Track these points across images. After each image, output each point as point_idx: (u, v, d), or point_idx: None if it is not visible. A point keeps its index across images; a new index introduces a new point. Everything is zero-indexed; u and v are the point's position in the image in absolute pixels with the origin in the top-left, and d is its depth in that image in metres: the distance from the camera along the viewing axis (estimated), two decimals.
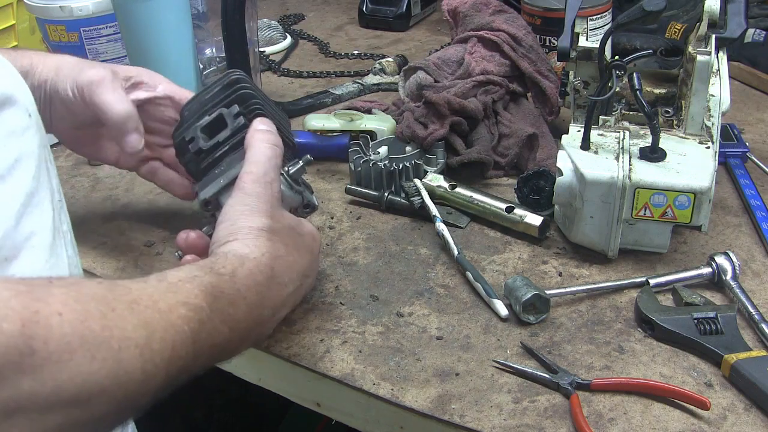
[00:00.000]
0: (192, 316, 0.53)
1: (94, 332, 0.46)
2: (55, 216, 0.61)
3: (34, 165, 0.58)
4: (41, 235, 0.58)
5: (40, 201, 0.58)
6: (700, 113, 0.83)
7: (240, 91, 0.76)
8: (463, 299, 0.79)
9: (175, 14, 1.03)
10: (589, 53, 0.91)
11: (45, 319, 0.44)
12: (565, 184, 0.80)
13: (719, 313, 0.72)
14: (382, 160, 0.95)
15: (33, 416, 0.43)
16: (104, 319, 0.47)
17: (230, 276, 0.60)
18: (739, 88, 1.18)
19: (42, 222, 0.59)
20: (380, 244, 0.88)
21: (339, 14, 1.62)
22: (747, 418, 0.64)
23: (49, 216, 0.59)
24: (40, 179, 0.59)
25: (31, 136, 0.58)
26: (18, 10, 1.25)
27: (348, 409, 0.73)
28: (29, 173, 0.57)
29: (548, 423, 0.64)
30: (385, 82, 1.25)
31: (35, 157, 0.58)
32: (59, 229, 0.62)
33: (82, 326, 0.45)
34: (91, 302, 0.47)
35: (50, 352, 0.43)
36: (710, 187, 0.76)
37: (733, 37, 0.85)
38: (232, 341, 0.59)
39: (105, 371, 0.46)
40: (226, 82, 0.77)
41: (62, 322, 0.44)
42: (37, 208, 0.58)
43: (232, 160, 0.75)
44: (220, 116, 0.76)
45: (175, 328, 0.52)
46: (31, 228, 0.57)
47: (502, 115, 0.99)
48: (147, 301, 0.51)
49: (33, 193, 0.58)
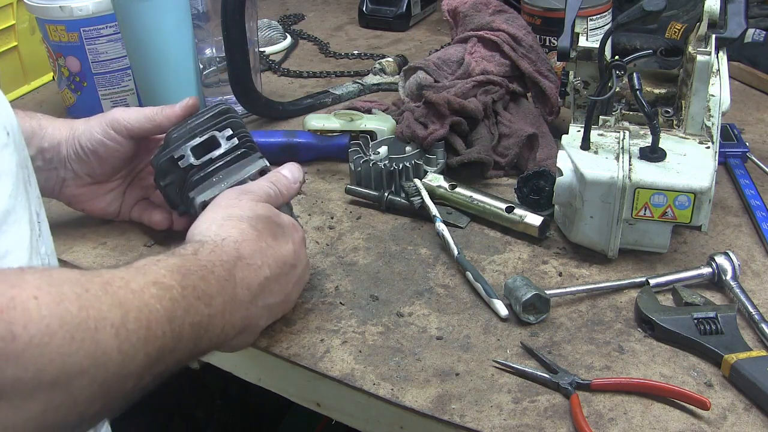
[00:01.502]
0: (163, 295, 0.54)
1: (71, 313, 0.46)
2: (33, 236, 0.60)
3: (11, 183, 0.57)
4: (16, 254, 0.57)
5: (16, 220, 0.57)
6: (700, 113, 0.83)
7: (231, 119, 0.81)
8: (463, 299, 0.79)
9: (175, 14, 1.03)
10: (589, 53, 0.91)
11: (22, 303, 0.44)
12: (565, 184, 0.80)
13: (719, 313, 0.72)
14: (382, 160, 0.95)
15: (16, 403, 0.43)
16: (80, 300, 0.47)
17: (192, 255, 0.62)
18: (739, 88, 1.18)
19: (18, 241, 0.58)
20: (380, 244, 0.88)
21: (339, 14, 1.62)
22: (747, 418, 0.64)
23: (27, 235, 0.59)
24: (18, 198, 0.58)
25: (8, 155, 0.57)
26: (18, 10, 1.25)
27: (348, 409, 0.73)
28: (5, 191, 0.56)
29: (548, 423, 0.64)
30: (385, 82, 1.24)
31: (12, 175, 0.57)
32: (37, 250, 0.61)
33: (59, 308, 0.46)
34: (65, 285, 0.48)
35: (31, 335, 0.43)
36: (710, 187, 0.76)
37: (733, 37, 0.85)
38: (214, 318, 0.59)
39: (84, 352, 0.46)
40: (216, 111, 0.81)
41: (39, 305, 0.45)
42: (12, 227, 0.57)
43: (230, 171, 0.78)
44: (212, 137, 0.79)
45: (148, 308, 0.52)
46: (6, 247, 0.56)
47: (502, 115, 0.99)
48: (119, 282, 0.52)
49: (9, 211, 0.57)
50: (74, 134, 0.84)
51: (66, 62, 1.13)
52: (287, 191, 0.76)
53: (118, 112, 0.84)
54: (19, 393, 0.43)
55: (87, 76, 1.13)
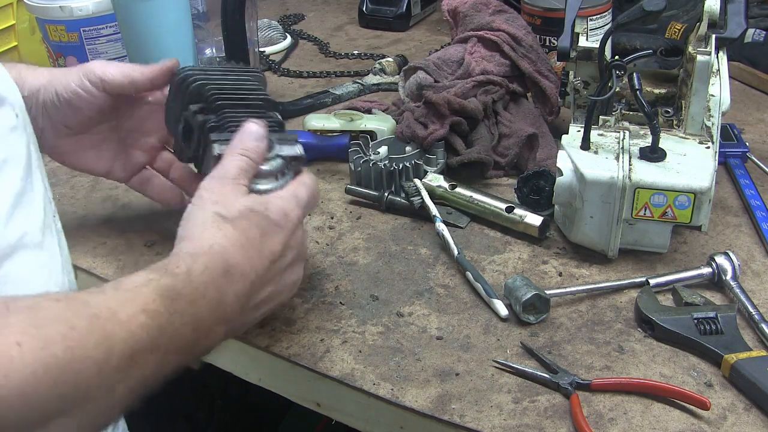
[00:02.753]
0: (151, 324, 0.53)
1: (56, 357, 0.45)
2: (47, 215, 0.60)
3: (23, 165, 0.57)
4: (33, 234, 0.58)
5: (30, 201, 0.58)
6: (700, 113, 0.83)
7: (191, 87, 0.76)
8: (463, 299, 0.79)
9: (175, 14, 1.03)
10: (589, 53, 0.91)
11: (5, 351, 0.43)
12: (565, 184, 0.80)
13: (719, 313, 0.72)
14: (382, 160, 0.95)
15: None
16: (65, 341, 0.46)
17: (186, 275, 0.59)
18: (739, 88, 1.18)
19: (33, 221, 0.58)
20: (380, 244, 0.88)
21: (339, 14, 1.62)
22: (747, 418, 0.64)
23: (40, 215, 0.59)
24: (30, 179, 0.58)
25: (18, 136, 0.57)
26: (18, 10, 1.25)
27: (348, 409, 0.73)
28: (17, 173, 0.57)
29: (548, 423, 0.64)
30: (385, 82, 1.25)
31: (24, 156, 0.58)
32: (51, 227, 0.61)
33: (44, 353, 0.44)
34: (51, 325, 0.46)
35: (13, 385, 0.42)
36: (710, 187, 0.76)
37: (733, 37, 0.85)
38: (200, 340, 0.58)
39: (67, 395, 0.45)
40: (177, 86, 0.77)
41: (23, 353, 0.43)
42: (27, 208, 0.57)
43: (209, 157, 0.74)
44: (186, 124, 0.76)
45: (134, 338, 0.51)
46: (23, 228, 0.57)
47: (502, 115, 0.99)
48: (106, 314, 0.50)
49: (22, 192, 0.57)
50: (52, 81, 0.81)
51: (66, 62, 1.13)
52: (256, 155, 0.70)
53: (96, 64, 0.81)
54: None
55: None
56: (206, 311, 0.59)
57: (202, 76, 0.77)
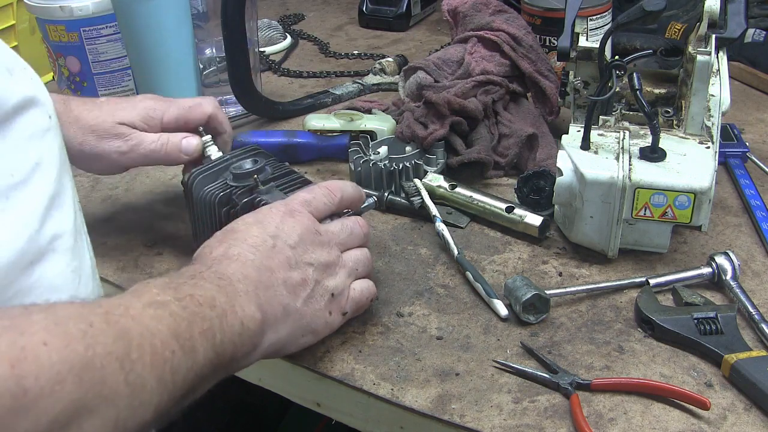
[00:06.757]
0: (162, 314, 0.53)
1: (79, 354, 0.45)
2: (77, 218, 0.60)
3: (56, 167, 0.57)
4: (65, 237, 0.57)
5: (62, 203, 0.57)
6: (700, 113, 0.83)
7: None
8: (463, 299, 0.79)
9: (175, 14, 1.03)
10: (589, 53, 0.91)
11: (32, 352, 0.43)
12: (565, 184, 0.80)
13: (719, 313, 0.72)
14: (382, 160, 0.95)
15: None
16: (85, 338, 0.46)
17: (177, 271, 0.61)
18: (739, 88, 1.18)
19: (65, 224, 0.58)
20: (380, 244, 0.88)
21: (339, 14, 1.62)
22: (747, 418, 0.64)
23: (72, 218, 0.59)
24: (62, 181, 0.58)
25: (51, 138, 0.57)
26: (18, 10, 1.25)
27: (348, 409, 0.73)
28: (51, 175, 0.56)
29: (548, 423, 0.64)
30: (385, 82, 1.25)
31: (57, 158, 0.57)
32: (81, 231, 0.61)
33: (68, 350, 0.45)
34: (71, 322, 0.46)
35: (41, 386, 0.42)
36: (710, 187, 0.76)
37: (733, 37, 0.85)
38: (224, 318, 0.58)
39: (92, 392, 0.45)
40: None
41: (49, 352, 0.43)
42: (59, 211, 0.57)
43: None
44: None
45: (150, 331, 0.51)
46: (55, 231, 0.56)
47: (502, 115, 0.99)
48: (119, 310, 0.51)
49: (55, 195, 0.56)
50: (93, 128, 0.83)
51: (66, 62, 1.13)
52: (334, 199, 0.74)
53: (147, 139, 0.84)
54: None
55: (87, 76, 1.14)
56: (214, 289, 0.59)
57: None
